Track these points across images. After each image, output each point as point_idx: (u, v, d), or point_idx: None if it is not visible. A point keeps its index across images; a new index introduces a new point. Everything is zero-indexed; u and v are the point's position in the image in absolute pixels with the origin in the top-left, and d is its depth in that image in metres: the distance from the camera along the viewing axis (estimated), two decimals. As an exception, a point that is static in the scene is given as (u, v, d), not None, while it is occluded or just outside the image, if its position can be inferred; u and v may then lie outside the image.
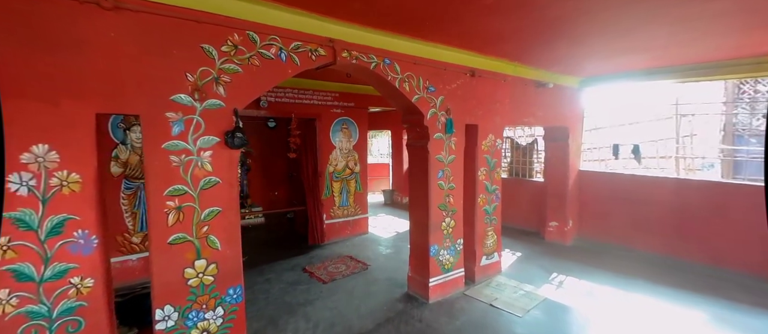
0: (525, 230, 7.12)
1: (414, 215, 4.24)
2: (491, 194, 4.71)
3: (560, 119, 5.90)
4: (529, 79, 5.09)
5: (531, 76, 5.10)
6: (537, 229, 6.98)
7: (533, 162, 7.44)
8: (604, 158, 7.11)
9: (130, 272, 4.87)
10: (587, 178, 6.56)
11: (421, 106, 3.82)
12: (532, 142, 7.43)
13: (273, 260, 5.67)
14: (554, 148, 6.39)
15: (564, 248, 6.16)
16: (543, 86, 5.23)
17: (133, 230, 4.90)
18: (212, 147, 2.66)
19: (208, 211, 2.67)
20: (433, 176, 3.98)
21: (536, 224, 7.00)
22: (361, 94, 6.78)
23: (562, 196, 6.34)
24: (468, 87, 4.27)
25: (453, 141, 4.14)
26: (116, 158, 4.75)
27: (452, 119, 4.06)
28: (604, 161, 7.36)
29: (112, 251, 4.74)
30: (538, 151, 7.38)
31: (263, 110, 5.76)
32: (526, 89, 5.08)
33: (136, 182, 4.89)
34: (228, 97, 2.70)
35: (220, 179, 2.71)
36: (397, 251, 5.99)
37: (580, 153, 6.64)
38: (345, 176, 6.72)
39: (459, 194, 4.29)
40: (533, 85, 5.18)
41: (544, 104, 5.46)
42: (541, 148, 7.27)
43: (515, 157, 7.65)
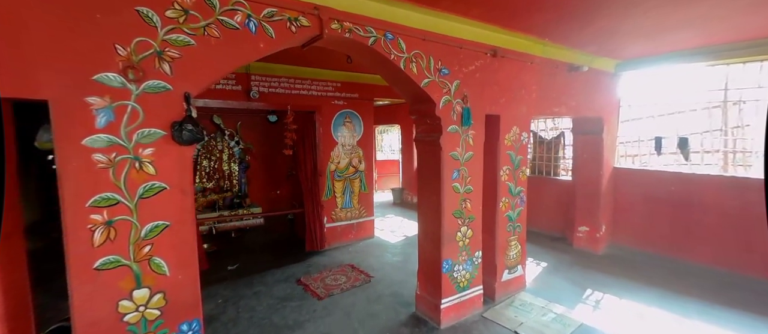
0: (549, 235, 6.35)
1: (424, 224, 3.55)
2: (515, 198, 3.99)
3: (594, 109, 5.10)
4: (560, 62, 4.32)
5: (562, 57, 4.32)
6: (563, 234, 6.20)
7: (559, 158, 6.64)
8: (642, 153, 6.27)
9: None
10: (623, 176, 5.74)
11: (432, 93, 3.12)
12: (557, 135, 6.63)
13: (266, 268, 5.07)
14: (585, 143, 5.59)
15: (596, 257, 5.38)
16: (576, 70, 4.45)
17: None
18: (155, 143, 2.03)
19: (152, 226, 2.05)
20: (447, 177, 3.28)
21: (562, 229, 6.22)
22: (365, 84, 6.10)
23: (594, 197, 5.54)
24: (489, 70, 3.54)
25: (470, 135, 3.43)
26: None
27: (470, 108, 3.35)
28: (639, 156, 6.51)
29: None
30: (565, 145, 6.58)
31: (254, 102, 5.14)
32: (556, 73, 4.31)
33: (110, 183, 4.33)
34: (176, 77, 2.06)
35: (167, 185, 2.08)
36: (406, 260, 5.31)
37: (615, 148, 5.82)
38: (348, 174, 6.07)
39: (477, 198, 3.58)
40: (565, 68, 4.40)
41: (577, 91, 4.67)
42: (569, 142, 6.47)
43: (538, 153, 6.86)
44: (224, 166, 7.88)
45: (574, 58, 4.49)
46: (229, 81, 4.99)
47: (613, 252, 5.56)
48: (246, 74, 5.08)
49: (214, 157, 7.81)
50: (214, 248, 5.99)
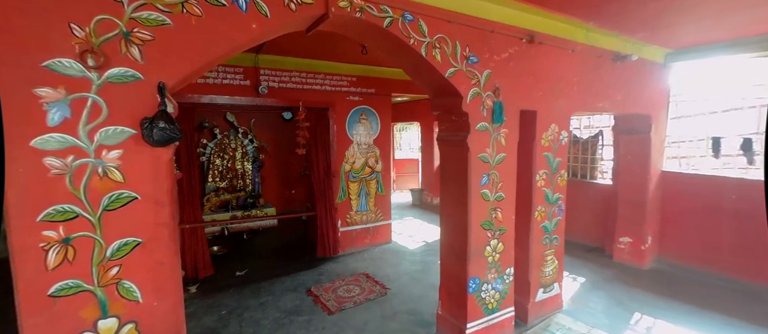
0: (583, 245, 5.75)
1: (447, 236, 3.11)
2: (552, 206, 3.47)
3: (641, 105, 4.49)
4: (605, 50, 3.75)
5: (607, 45, 3.76)
6: (601, 244, 5.59)
7: (597, 160, 6.01)
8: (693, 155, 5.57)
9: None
10: (674, 181, 5.08)
11: (459, 84, 2.66)
12: (595, 134, 6.00)
13: (275, 275, 4.75)
14: (630, 143, 4.98)
15: (641, 273, 4.77)
16: (623, 60, 3.87)
17: (109, 240, 4.12)
18: (123, 144, 1.68)
19: (120, 243, 1.71)
20: (475, 182, 2.82)
21: (600, 239, 5.61)
22: (383, 79, 5.68)
23: (640, 204, 4.92)
24: (524, 58, 3.04)
25: (502, 134, 2.95)
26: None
27: (502, 103, 2.87)
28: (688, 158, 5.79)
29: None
30: (603, 145, 5.95)
31: (262, 98, 4.81)
32: (600, 64, 3.75)
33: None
34: (148, 64, 1.70)
35: (137, 194, 1.72)
36: (425, 269, 4.87)
37: (663, 149, 5.17)
38: (364, 175, 5.67)
39: (510, 206, 3.10)
40: (609, 57, 3.84)
41: (623, 84, 4.09)
42: (607, 142, 5.84)
43: (572, 154, 6.25)
44: (237, 164, 7.64)
45: (621, 47, 3.92)
46: (236, 75, 4.69)
47: (660, 267, 4.93)
48: (254, 68, 4.76)
49: (228, 156, 7.57)
50: (224, 251, 5.73)
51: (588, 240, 5.79)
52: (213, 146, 7.44)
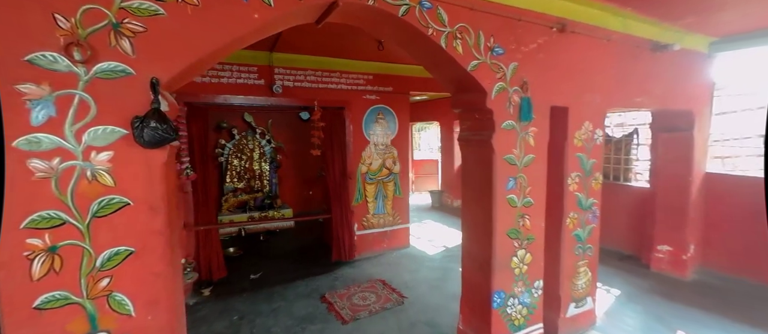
0: (617, 253, 5.35)
1: (469, 245, 2.87)
2: (586, 212, 3.17)
3: (683, 99, 4.09)
4: (643, 39, 3.41)
5: (646, 33, 3.41)
6: (636, 253, 5.18)
7: (631, 160, 5.59)
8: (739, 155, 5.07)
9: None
10: (719, 184, 4.63)
11: (482, 79, 2.42)
12: (630, 133, 5.58)
13: (289, 279, 4.61)
14: (670, 142, 4.57)
15: (682, 284, 4.36)
16: (663, 49, 3.51)
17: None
18: (113, 145, 1.55)
19: (111, 253, 1.57)
20: (500, 186, 2.57)
21: (635, 246, 5.20)
22: (400, 77, 5.47)
23: (681, 210, 4.51)
24: (555, 49, 2.77)
25: (531, 133, 2.69)
26: (102, 156, 3.94)
27: (530, 99, 2.61)
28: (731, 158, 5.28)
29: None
30: (638, 145, 5.52)
31: (277, 97, 4.70)
32: (638, 54, 3.41)
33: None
34: (139, 58, 1.56)
35: (129, 199, 1.59)
36: (445, 277, 4.62)
37: (707, 148, 4.72)
38: (381, 177, 5.47)
39: (539, 213, 2.82)
40: (648, 47, 3.48)
41: (663, 77, 3.72)
42: (643, 140, 5.42)
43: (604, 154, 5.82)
44: (255, 165, 7.61)
45: (661, 35, 3.55)
46: (251, 75, 4.59)
47: (703, 279, 4.49)
48: (269, 67, 4.65)
49: (245, 157, 7.56)
50: (240, 253, 5.66)
51: (622, 247, 5.39)
52: (231, 147, 7.44)
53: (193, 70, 1.84)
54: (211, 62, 2.04)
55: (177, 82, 1.78)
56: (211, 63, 2.09)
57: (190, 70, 1.75)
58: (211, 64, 2.06)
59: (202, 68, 2.02)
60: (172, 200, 1.77)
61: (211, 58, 1.85)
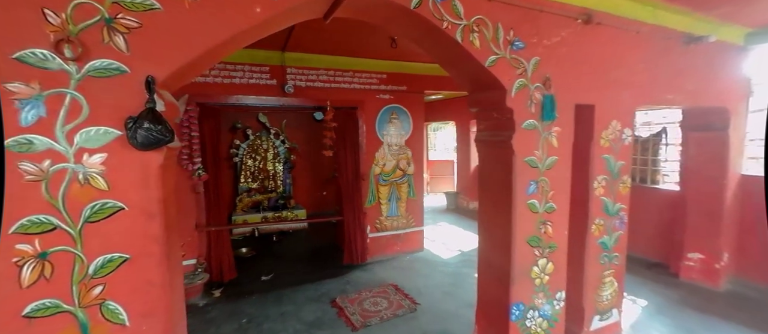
0: (643, 260, 5.05)
1: (486, 252, 2.71)
2: (612, 218, 2.96)
3: (717, 96, 3.81)
4: (675, 31, 3.16)
5: (678, 25, 3.16)
6: (663, 260, 4.88)
7: (659, 161, 5.29)
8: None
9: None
10: (756, 187, 4.30)
11: (501, 75, 2.26)
12: (658, 132, 5.27)
13: (300, 281, 4.53)
14: (702, 142, 4.27)
15: (714, 295, 4.07)
16: (697, 42, 3.25)
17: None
18: (107, 147, 1.47)
19: (104, 260, 1.50)
20: (520, 190, 2.40)
21: (663, 254, 4.90)
22: (415, 75, 5.32)
23: (714, 214, 4.21)
24: (580, 42, 2.57)
25: (554, 133, 2.50)
26: (115, 157, 3.94)
27: (553, 96, 2.42)
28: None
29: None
30: (667, 144, 5.21)
31: (289, 97, 4.63)
32: (669, 48, 3.17)
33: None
34: (134, 55, 1.47)
35: (124, 204, 1.50)
36: (460, 283, 4.45)
37: (743, 148, 4.40)
38: (394, 178, 5.34)
39: (562, 219, 2.63)
40: (681, 40, 3.23)
41: (696, 72, 3.46)
42: (671, 140, 5.11)
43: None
44: (269, 165, 7.61)
45: (694, 26, 3.29)
46: (263, 75, 4.53)
47: (738, 290, 4.18)
48: (281, 67, 4.58)
49: (259, 157, 7.56)
50: (252, 253, 5.63)
51: (648, 254, 5.09)
52: (245, 147, 7.45)
53: (193, 69, 1.75)
54: (213, 60, 1.95)
55: (176, 80, 1.69)
56: (212, 61, 2.00)
57: (189, 68, 1.66)
58: (213, 62, 1.97)
59: (204, 66, 1.93)
60: (170, 205, 1.69)
61: (211, 55, 1.76)
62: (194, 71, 1.85)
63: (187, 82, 1.88)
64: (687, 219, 4.43)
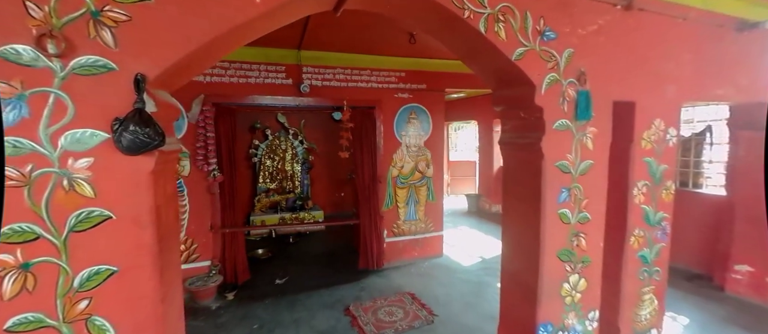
0: (684, 271, 4.64)
1: (510, 264, 2.48)
2: (653, 229, 2.66)
3: (774, 92, 3.39)
4: (727, 16, 2.80)
5: (730, 9, 2.80)
6: (707, 271, 4.46)
7: (702, 163, 4.85)
8: None
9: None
10: (820, 195, 3.83)
11: (530, 69, 2.02)
12: (701, 131, 4.84)
13: (314, 286, 4.41)
14: (754, 142, 3.86)
15: (766, 313, 3.66)
16: (752, 28, 2.88)
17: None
18: (94, 150, 1.35)
19: (90, 272, 1.39)
20: (550, 198, 2.16)
21: (706, 264, 4.49)
22: (435, 73, 5.10)
23: (765, 222, 3.77)
24: (618, 31, 2.30)
25: (589, 134, 2.24)
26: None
27: (589, 92, 2.17)
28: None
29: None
30: (712, 145, 4.78)
31: (304, 96, 4.51)
32: (720, 36, 2.82)
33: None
34: (123, 51, 1.35)
35: (112, 213, 1.39)
36: (480, 293, 4.20)
37: (804, 152, 3.93)
38: (413, 181, 5.14)
39: (597, 230, 2.37)
40: (733, 27, 2.87)
41: (750, 63, 3.08)
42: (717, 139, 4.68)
43: (667, 157, 5.12)
44: (287, 166, 7.57)
45: (748, 11, 2.90)
46: (278, 74, 4.44)
47: (797, 307, 3.75)
48: (297, 66, 4.48)
49: (278, 157, 7.53)
50: (268, 255, 5.56)
51: (689, 264, 4.67)
52: (264, 147, 7.44)
53: (190, 66, 1.63)
54: (213, 57, 1.82)
55: (173, 78, 1.57)
56: (212, 58, 1.87)
57: (185, 65, 1.53)
58: (213, 59, 1.84)
59: (203, 64, 1.80)
60: (167, 213, 1.57)
61: (210, 52, 1.63)
62: (193, 69, 1.73)
63: (186, 80, 1.75)
64: (734, 227, 4.03)
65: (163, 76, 1.45)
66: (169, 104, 1.58)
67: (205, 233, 4.29)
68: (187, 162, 4.16)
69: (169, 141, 1.60)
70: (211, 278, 4.13)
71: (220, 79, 4.22)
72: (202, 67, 1.84)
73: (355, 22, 3.52)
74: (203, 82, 4.14)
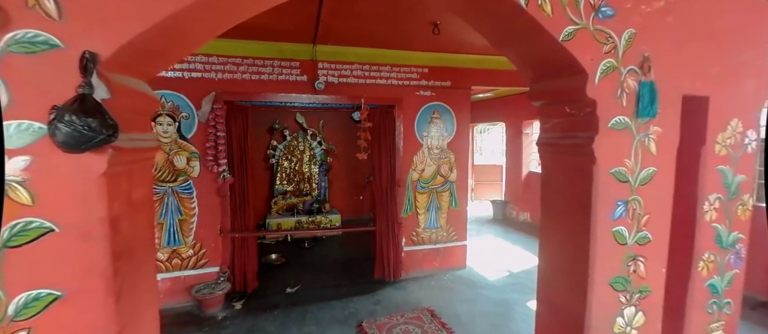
0: (750, 299, 4.01)
1: (549, 292, 2.07)
2: (726, 252, 2.17)
3: None
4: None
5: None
6: (779, 298, 3.85)
7: (771, 174, 4.20)
8: None
9: (155, 297, 3.90)
10: None
11: (581, 53, 1.63)
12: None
13: (326, 297, 4.13)
14: None
15: None
16: None
17: (159, 245, 3.92)
18: (32, 147, 1.09)
19: (28, 297, 1.12)
20: (603, 213, 1.75)
21: (777, 289, 3.87)
22: (460, 69, 4.72)
23: None
24: (690, 11, 1.86)
25: (652, 135, 1.82)
26: (139, 156, 3.79)
27: (654, 84, 1.75)
28: None
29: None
30: (782, 154, 4.12)
31: (319, 95, 4.25)
32: (816, 23, 2.30)
33: (163, 186, 3.89)
34: (70, 25, 1.09)
35: (54, 224, 1.12)
36: (508, 314, 3.78)
37: None
38: (435, 186, 4.78)
39: (658, 253, 1.93)
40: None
41: None
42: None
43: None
44: (304, 167, 7.36)
45: None
46: (292, 70, 4.20)
47: None
48: (312, 62, 4.23)
49: (295, 159, 7.34)
50: (282, 260, 5.34)
51: (757, 292, 4.05)
52: (282, 148, 7.27)
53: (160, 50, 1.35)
54: (189, 42, 1.51)
55: (138, 63, 1.30)
56: (188, 43, 1.54)
57: (153, 47, 1.26)
58: (189, 44, 1.53)
59: (177, 49, 1.50)
60: (128, 225, 1.30)
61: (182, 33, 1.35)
62: (169, 55, 1.45)
63: (163, 67, 1.49)
64: (816, 250, 3.41)
65: (122, 58, 1.18)
66: (134, 92, 1.31)
67: (215, 237, 4.10)
68: (197, 163, 3.98)
69: (135, 137, 1.33)
70: (218, 286, 3.92)
71: (232, 76, 4.03)
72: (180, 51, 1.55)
73: (374, 13, 3.22)
74: (214, 80, 3.95)
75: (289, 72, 4.19)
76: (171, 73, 3.81)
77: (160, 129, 3.83)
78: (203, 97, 3.90)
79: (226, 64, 3.96)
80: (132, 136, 1.30)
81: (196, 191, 4.00)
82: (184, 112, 3.89)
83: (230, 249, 4.17)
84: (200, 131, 3.96)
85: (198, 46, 1.57)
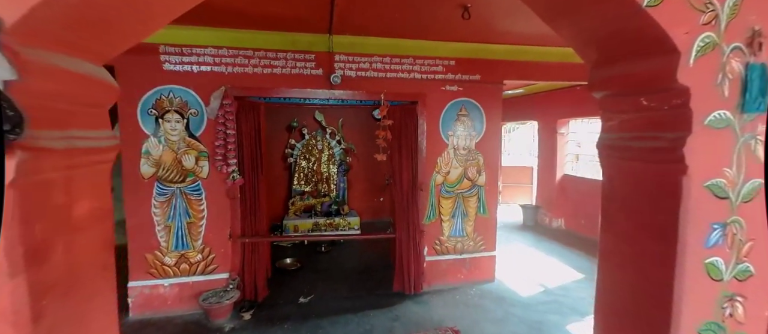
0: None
1: (614, 331, 1.64)
2: None
3: None
4: None
5: None
6: None
7: None
8: None
9: (161, 300, 3.73)
10: None
11: (670, 24, 1.20)
12: None
13: (341, 309, 3.81)
14: None
15: None
16: None
17: (167, 248, 3.73)
18: None
19: None
20: (693, 238, 1.31)
21: None
22: (491, 61, 4.28)
23: None
24: (816, -30, 1.38)
25: (758, 137, 1.36)
26: (147, 155, 3.61)
27: (767, 67, 1.29)
28: None
29: (140, 273, 3.67)
30: None
31: (336, 89, 3.93)
32: None
33: (171, 186, 3.69)
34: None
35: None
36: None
37: None
38: (461, 190, 4.36)
39: (761, 292, 1.46)
40: None
41: None
42: None
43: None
44: (323, 167, 7.09)
45: None
46: (307, 63, 3.90)
47: None
48: (328, 54, 3.91)
49: (313, 158, 7.08)
50: (297, 266, 5.08)
51: None
52: (300, 147, 7.03)
53: (108, 19, 1.04)
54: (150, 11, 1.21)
55: (76, 36, 0.99)
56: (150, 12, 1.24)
57: (91, 13, 0.95)
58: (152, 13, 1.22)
59: (136, 22, 1.18)
60: (59, 250, 1.00)
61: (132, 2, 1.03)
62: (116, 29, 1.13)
63: (121, 47, 1.19)
64: None
65: (43, 26, 0.87)
66: (71, 75, 1.00)
67: (224, 242, 3.86)
68: (206, 163, 3.76)
69: (76, 134, 1.03)
70: (227, 294, 3.68)
71: (244, 70, 3.78)
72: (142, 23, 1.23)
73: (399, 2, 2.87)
74: (224, 73, 3.72)
75: (303, 65, 3.89)
76: (179, 67, 3.60)
77: (168, 127, 3.63)
78: (212, 92, 3.67)
79: (236, 57, 3.71)
80: (69, 133, 1.00)
81: (205, 192, 3.78)
82: (192, 108, 3.67)
83: (240, 255, 3.92)
84: (210, 129, 3.74)
85: (167, 16, 1.26)
